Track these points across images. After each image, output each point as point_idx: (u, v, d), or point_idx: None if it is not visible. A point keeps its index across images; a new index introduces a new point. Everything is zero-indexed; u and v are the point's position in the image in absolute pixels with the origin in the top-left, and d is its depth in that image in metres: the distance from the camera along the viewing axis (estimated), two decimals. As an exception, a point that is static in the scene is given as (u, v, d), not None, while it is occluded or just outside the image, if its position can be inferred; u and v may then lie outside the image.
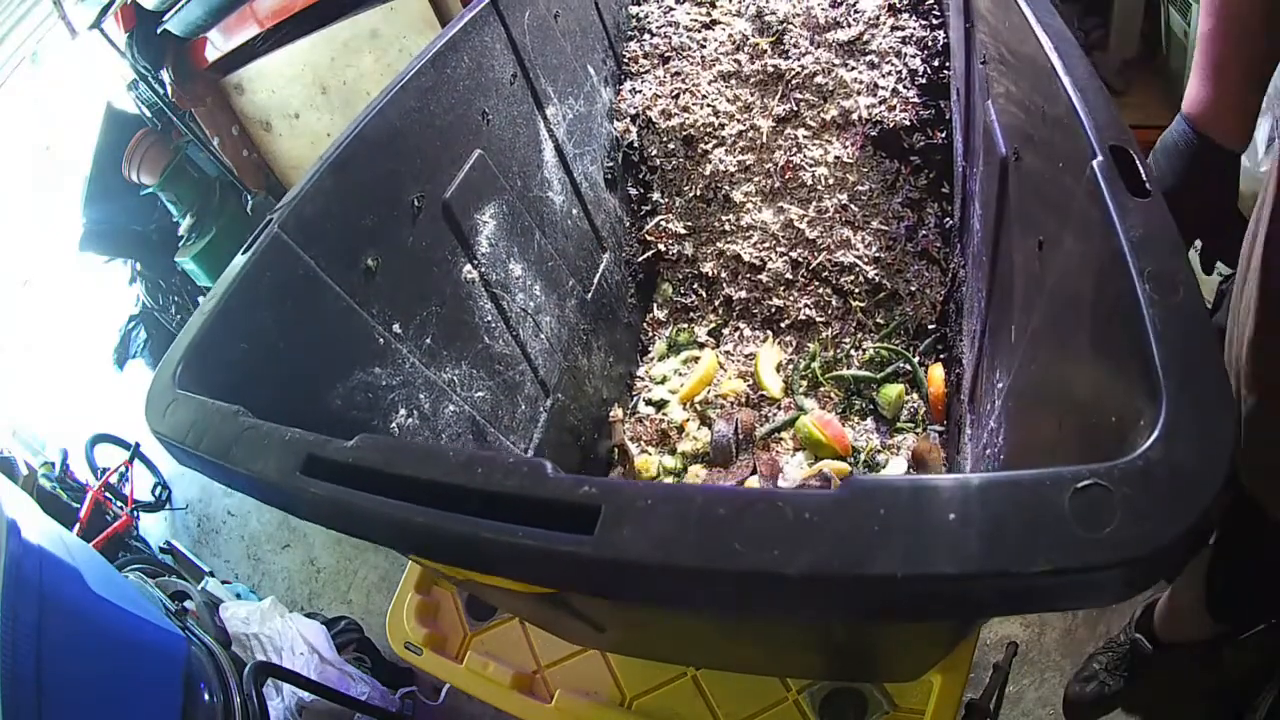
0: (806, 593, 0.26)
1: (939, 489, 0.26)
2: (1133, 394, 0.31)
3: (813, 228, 1.15)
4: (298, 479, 0.37)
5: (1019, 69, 0.64)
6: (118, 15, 2.01)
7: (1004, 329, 0.66)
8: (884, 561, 0.25)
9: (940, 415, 1.03)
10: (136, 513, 2.36)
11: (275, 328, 0.62)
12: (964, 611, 0.28)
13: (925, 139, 1.08)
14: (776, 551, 0.26)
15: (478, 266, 0.87)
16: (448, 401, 0.80)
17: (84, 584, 1.20)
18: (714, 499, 0.27)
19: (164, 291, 2.87)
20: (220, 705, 1.26)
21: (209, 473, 0.44)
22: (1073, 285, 0.45)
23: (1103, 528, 0.25)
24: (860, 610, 0.28)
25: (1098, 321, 0.40)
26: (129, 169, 2.46)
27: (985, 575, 0.25)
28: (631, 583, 0.29)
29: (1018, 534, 0.25)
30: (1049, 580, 0.25)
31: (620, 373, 1.19)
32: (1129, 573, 0.25)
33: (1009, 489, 0.26)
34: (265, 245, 0.62)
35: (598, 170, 1.18)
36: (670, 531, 0.27)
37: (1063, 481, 0.26)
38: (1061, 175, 0.49)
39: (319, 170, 0.69)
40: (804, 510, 0.26)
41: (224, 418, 0.43)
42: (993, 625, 1.47)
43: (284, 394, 0.61)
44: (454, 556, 0.32)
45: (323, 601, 2.18)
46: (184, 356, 0.53)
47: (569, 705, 0.78)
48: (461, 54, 0.87)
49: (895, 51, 1.11)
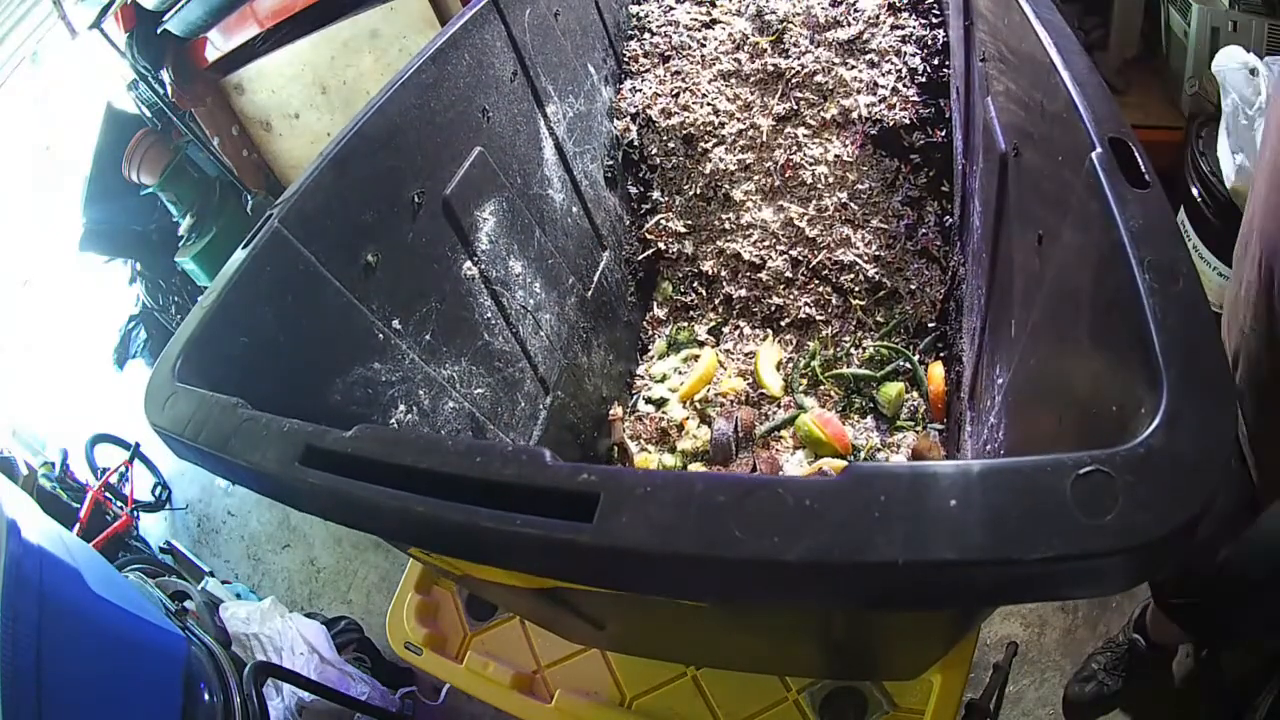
0: (806, 580, 0.26)
1: (939, 475, 0.26)
2: (1134, 383, 0.30)
3: (813, 226, 1.15)
4: (296, 470, 0.37)
5: (1018, 66, 0.64)
6: (118, 15, 2.02)
7: (1004, 325, 0.66)
8: (884, 548, 0.25)
9: (940, 413, 1.03)
10: (136, 513, 2.36)
11: (275, 322, 0.62)
12: (965, 599, 0.28)
13: (925, 137, 1.08)
14: (776, 538, 0.26)
15: (478, 263, 0.87)
16: (447, 398, 0.79)
17: (84, 584, 1.20)
18: (713, 486, 0.27)
19: (164, 291, 2.87)
20: (220, 705, 1.25)
21: (208, 465, 0.44)
22: (1072, 278, 0.45)
23: (1104, 514, 0.25)
24: (861, 597, 0.28)
25: (1098, 312, 0.40)
26: (129, 169, 2.46)
27: (986, 562, 0.25)
28: (631, 571, 0.29)
29: (1019, 520, 0.25)
30: (1050, 567, 0.25)
31: (620, 371, 1.19)
32: (1130, 560, 0.25)
33: (1010, 475, 0.26)
34: (265, 240, 0.62)
35: (598, 168, 1.18)
36: (669, 518, 0.27)
37: (1064, 468, 0.25)
38: (1061, 169, 0.49)
39: (319, 166, 0.69)
40: (804, 497, 0.26)
41: (223, 410, 0.43)
42: (993, 625, 1.47)
43: (283, 388, 0.61)
44: (453, 546, 0.32)
45: (323, 601, 2.17)
46: (184, 350, 0.53)
47: (569, 705, 0.78)
48: (462, 51, 0.87)
49: (895, 50, 1.11)
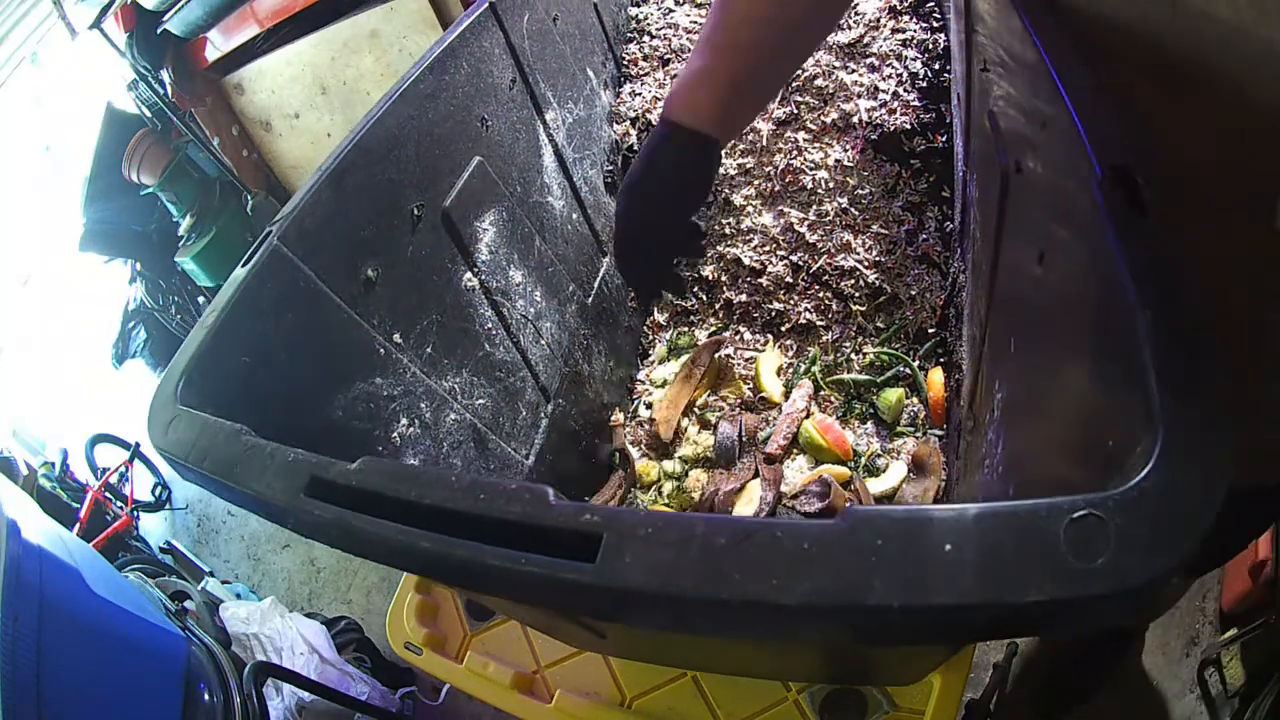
0: (804, 621, 0.27)
1: (935, 520, 0.26)
2: (1130, 420, 0.31)
3: (813, 231, 1.15)
4: (302, 500, 0.37)
5: (1019, 73, 0.63)
6: (118, 15, 2.01)
7: (1003, 340, 0.66)
8: (881, 592, 0.26)
9: (940, 419, 1.03)
10: (136, 513, 2.37)
11: (276, 340, 0.62)
12: (958, 638, 0.28)
13: (926, 143, 1.08)
14: (775, 581, 0.26)
15: (478, 274, 0.87)
16: (449, 410, 0.80)
17: (84, 584, 1.21)
18: (714, 529, 0.28)
19: (164, 291, 2.88)
20: (220, 705, 1.26)
21: (213, 490, 0.44)
22: (1072, 302, 0.45)
23: (1096, 558, 0.25)
24: (858, 637, 0.28)
25: (1096, 342, 0.40)
26: (129, 169, 2.46)
27: (981, 605, 0.25)
28: (632, 610, 0.29)
29: (1013, 564, 0.25)
30: (1043, 609, 0.25)
31: (621, 377, 1.20)
32: (1120, 603, 0.25)
33: (1005, 519, 0.26)
34: (265, 258, 0.63)
35: (598, 174, 1.17)
36: (670, 560, 0.28)
37: (1058, 512, 0.26)
38: (1062, 186, 0.49)
39: (318, 181, 0.69)
40: (802, 540, 0.27)
41: (226, 437, 0.43)
42: (991, 626, 1.48)
43: (286, 406, 0.62)
44: (458, 580, 0.33)
45: (323, 601, 2.19)
46: (185, 371, 0.53)
47: (569, 705, 0.79)
48: (460, 60, 0.87)
49: (896, 55, 1.11)
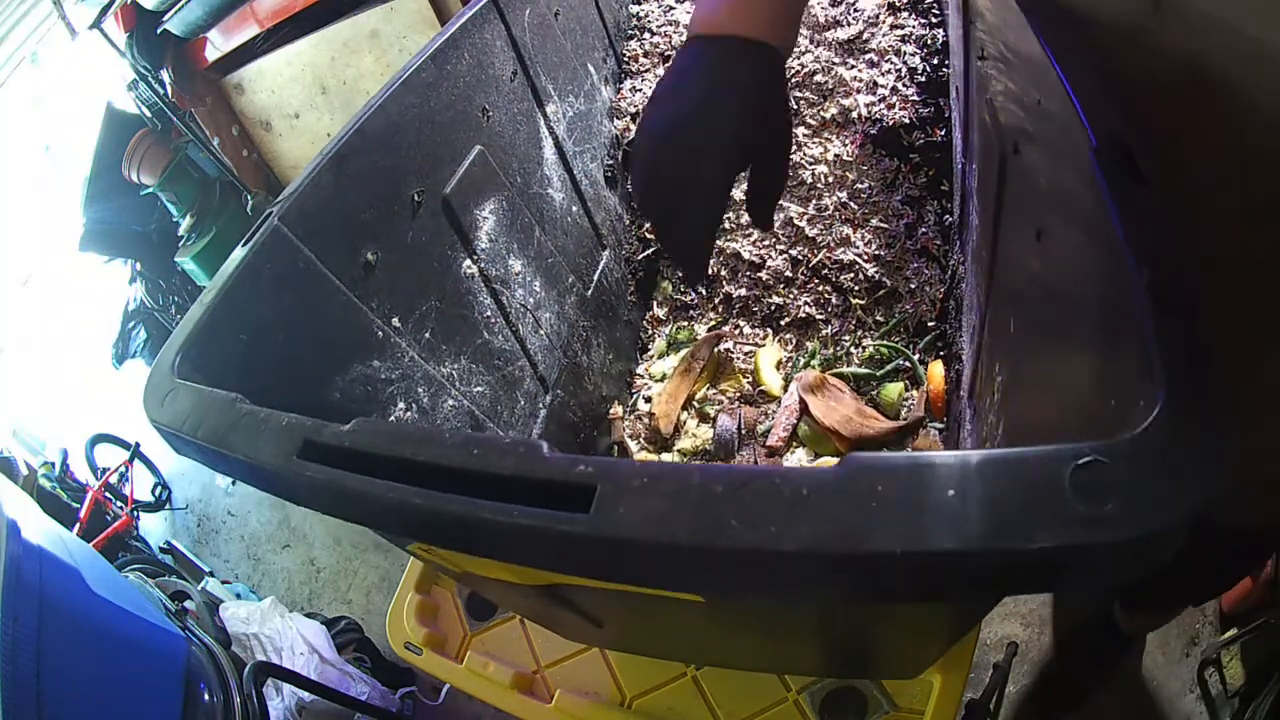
0: (804, 570, 0.26)
1: (938, 466, 0.26)
2: (1132, 376, 0.30)
3: (812, 225, 1.15)
4: (295, 464, 0.37)
5: (1017, 65, 0.64)
6: (118, 15, 2.02)
7: (1003, 322, 0.66)
8: (883, 538, 0.25)
9: (940, 412, 1.02)
10: (136, 513, 2.36)
11: (274, 320, 0.62)
12: (964, 590, 0.28)
13: (925, 137, 1.08)
14: (773, 528, 0.26)
15: (477, 262, 0.87)
16: (446, 396, 0.80)
17: (84, 584, 1.20)
18: (710, 477, 0.27)
19: (164, 291, 2.88)
20: (220, 705, 1.25)
21: (207, 460, 0.44)
22: (1071, 273, 0.45)
23: (1104, 504, 0.25)
24: (859, 589, 0.27)
25: (1095, 308, 0.39)
26: (129, 169, 2.46)
27: (986, 552, 0.25)
28: (628, 562, 0.29)
29: (1018, 510, 0.25)
30: (1050, 556, 0.25)
31: (620, 370, 1.19)
32: (1127, 551, 0.25)
33: (1009, 465, 0.26)
34: (265, 237, 0.62)
35: (598, 168, 1.18)
36: (666, 509, 0.27)
37: (1063, 458, 0.25)
38: (1060, 166, 0.49)
39: (320, 164, 0.69)
40: (801, 487, 0.26)
41: (221, 405, 0.43)
42: (992, 625, 1.47)
43: (283, 385, 0.61)
44: (452, 538, 0.32)
45: (323, 601, 2.18)
46: (183, 347, 0.53)
47: (569, 705, 0.78)
48: (462, 51, 0.87)
49: (895, 50, 1.11)
